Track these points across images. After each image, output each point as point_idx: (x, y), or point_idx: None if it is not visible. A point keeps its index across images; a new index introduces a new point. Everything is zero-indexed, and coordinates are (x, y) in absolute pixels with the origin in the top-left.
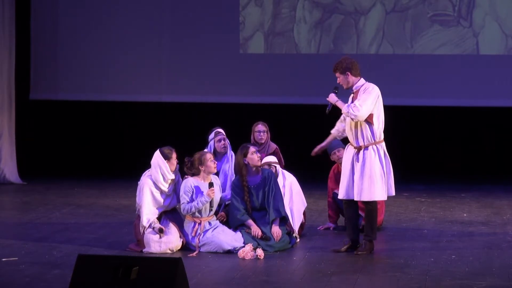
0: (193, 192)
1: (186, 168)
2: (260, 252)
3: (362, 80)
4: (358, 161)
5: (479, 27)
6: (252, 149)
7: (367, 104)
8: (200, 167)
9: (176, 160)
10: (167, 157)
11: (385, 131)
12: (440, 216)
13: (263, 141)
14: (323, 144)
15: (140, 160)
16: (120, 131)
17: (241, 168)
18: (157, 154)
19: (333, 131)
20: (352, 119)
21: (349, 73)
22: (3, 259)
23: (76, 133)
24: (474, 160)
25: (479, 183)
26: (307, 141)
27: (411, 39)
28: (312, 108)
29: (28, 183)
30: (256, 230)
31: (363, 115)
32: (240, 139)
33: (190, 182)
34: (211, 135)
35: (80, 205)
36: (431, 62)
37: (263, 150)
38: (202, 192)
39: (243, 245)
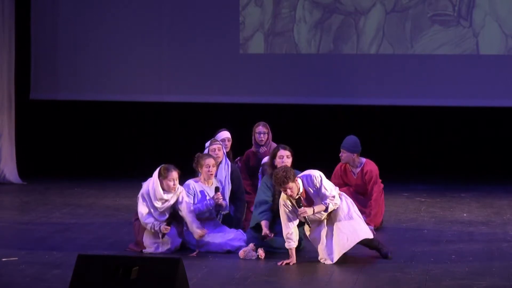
0: (194, 195)
1: (194, 164)
2: (261, 252)
3: (299, 181)
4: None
5: (479, 27)
6: (281, 152)
7: (332, 187)
8: (199, 169)
9: (174, 181)
10: (161, 175)
11: (385, 131)
12: (440, 216)
13: (263, 143)
14: None
15: (140, 160)
16: (120, 131)
17: (270, 169)
18: (157, 169)
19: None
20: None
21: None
22: (3, 259)
23: (76, 133)
24: (474, 160)
25: (479, 183)
26: (308, 141)
27: (411, 39)
28: (312, 108)
29: (28, 183)
30: (266, 231)
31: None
32: (240, 139)
33: (192, 184)
34: (207, 143)
35: (80, 205)
36: (431, 62)
37: (266, 148)
38: (205, 196)
39: (244, 244)
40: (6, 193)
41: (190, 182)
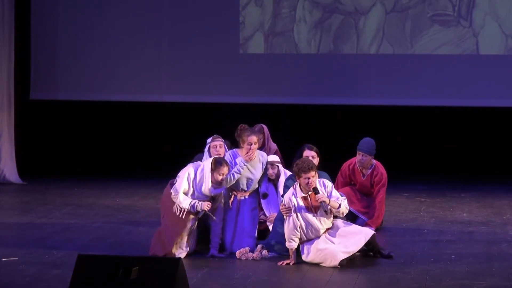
0: (232, 164)
1: (236, 133)
2: (256, 254)
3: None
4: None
5: (479, 27)
6: (307, 152)
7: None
8: (241, 143)
9: (224, 175)
10: (214, 168)
11: (385, 131)
12: (440, 216)
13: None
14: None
15: (140, 160)
16: (120, 131)
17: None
18: (209, 160)
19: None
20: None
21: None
22: (3, 259)
23: (76, 133)
24: (474, 160)
25: (479, 183)
26: (307, 141)
27: (411, 39)
28: (312, 108)
29: (28, 183)
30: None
31: None
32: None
33: (231, 156)
34: (209, 139)
35: (80, 205)
36: (431, 62)
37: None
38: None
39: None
40: (6, 193)
41: (229, 154)
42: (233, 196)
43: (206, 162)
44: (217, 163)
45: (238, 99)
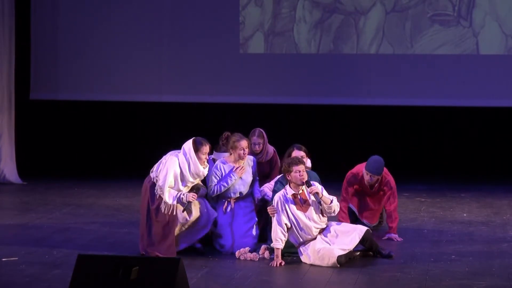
0: (222, 174)
1: (221, 142)
2: (254, 255)
3: None
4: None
5: (479, 27)
6: (296, 152)
7: None
8: (231, 150)
9: (207, 155)
10: (196, 149)
11: (385, 131)
12: (440, 216)
13: (258, 152)
14: None
15: (140, 160)
16: (120, 131)
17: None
18: (189, 142)
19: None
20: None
21: None
22: (3, 259)
23: (76, 133)
24: (474, 160)
25: (479, 183)
26: (307, 141)
27: (411, 39)
28: (312, 108)
29: (28, 183)
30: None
31: None
32: None
33: (220, 165)
34: None
35: (80, 205)
36: (431, 62)
37: (261, 157)
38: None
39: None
40: (6, 193)
41: (218, 163)
42: (226, 202)
43: (186, 146)
44: (198, 144)
45: (238, 99)
